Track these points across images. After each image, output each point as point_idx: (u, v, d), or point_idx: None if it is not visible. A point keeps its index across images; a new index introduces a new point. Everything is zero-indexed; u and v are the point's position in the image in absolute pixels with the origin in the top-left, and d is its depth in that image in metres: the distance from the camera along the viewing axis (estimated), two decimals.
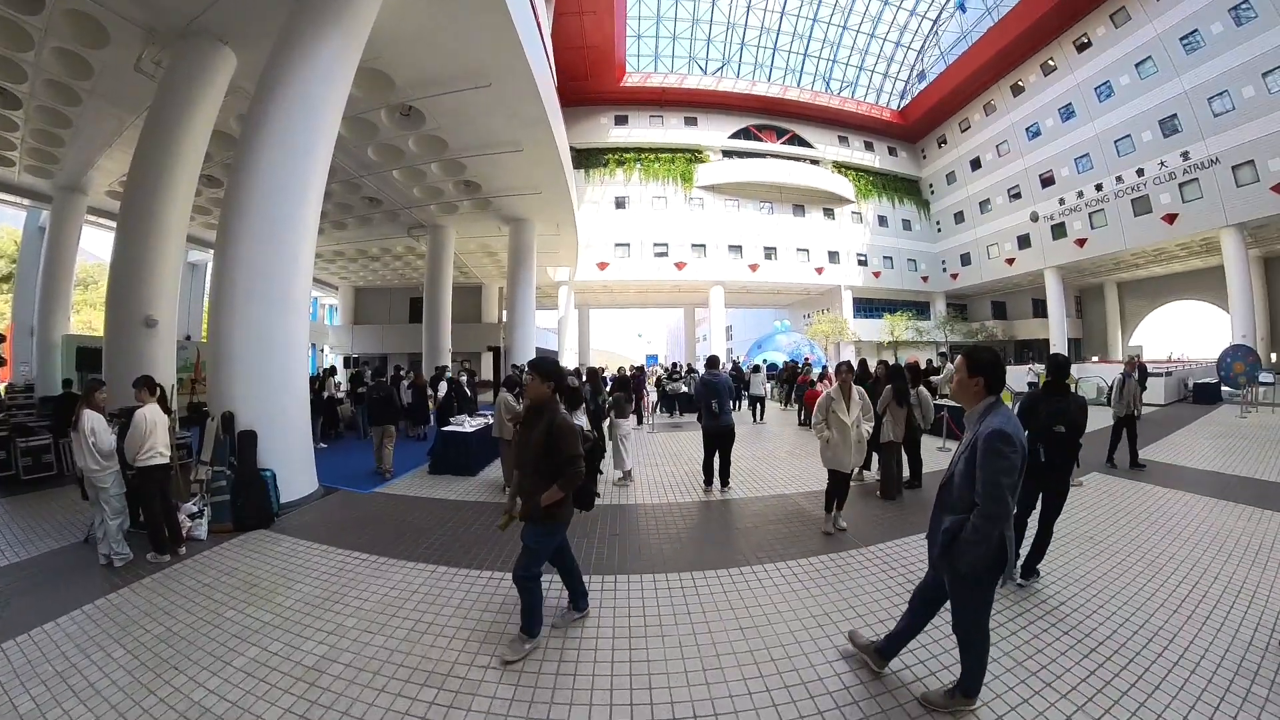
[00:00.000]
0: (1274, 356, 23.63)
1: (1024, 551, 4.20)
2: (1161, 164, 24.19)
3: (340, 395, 13.53)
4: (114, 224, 9.55)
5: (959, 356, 2.73)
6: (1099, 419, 8.79)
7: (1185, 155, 23.21)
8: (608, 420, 8.29)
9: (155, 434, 4.72)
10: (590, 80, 29.17)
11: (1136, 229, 25.89)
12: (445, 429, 8.65)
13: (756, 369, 16.72)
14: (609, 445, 7.90)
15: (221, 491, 5.57)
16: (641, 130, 33.08)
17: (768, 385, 15.87)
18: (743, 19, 32.50)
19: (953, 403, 11.34)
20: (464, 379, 14.47)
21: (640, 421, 13.47)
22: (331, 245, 21.10)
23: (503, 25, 8.78)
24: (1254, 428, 11.10)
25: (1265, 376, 14.36)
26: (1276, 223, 21.44)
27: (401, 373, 13.80)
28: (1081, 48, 27.36)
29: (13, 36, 8.35)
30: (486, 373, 25.99)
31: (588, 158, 31.95)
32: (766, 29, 33.35)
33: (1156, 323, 33.80)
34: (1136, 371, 8.36)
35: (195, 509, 5.34)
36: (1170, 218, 24.21)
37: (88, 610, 3.72)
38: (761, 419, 14.41)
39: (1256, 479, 7.02)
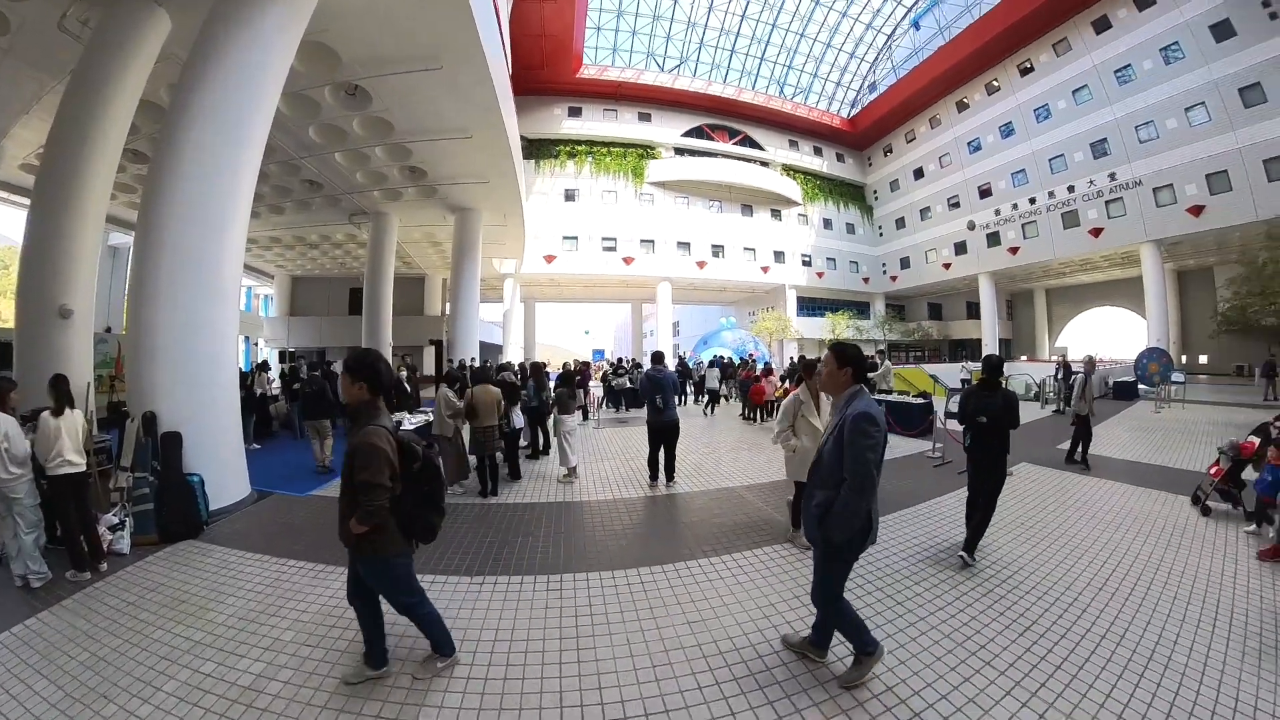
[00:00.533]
0: (1184, 359, 26.18)
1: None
2: (1090, 183, 26.37)
3: (274, 392, 12.87)
4: (27, 201, 8.68)
5: (827, 351, 2.97)
6: (1027, 414, 9.40)
7: (1112, 176, 25.36)
8: (552, 416, 8.21)
9: (61, 439, 4.28)
10: (546, 69, 28.72)
11: (1065, 240, 28.11)
12: None
13: (713, 364, 17.10)
14: (554, 442, 7.82)
15: (144, 500, 5.12)
16: (595, 123, 32.87)
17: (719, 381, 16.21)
18: (703, 19, 32.77)
19: (889, 396, 11.88)
20: (403, 374, 14.05)
21: (586, 417, 13.45)
22: (267, 230, 19.95)
23: (458, 5, 8.50)
24: (1167, 421, 12.36)
25: (1176, 376, 16.25)
26: (1190, 240, 23.77)
27: (332, 367, 13.22)
28: (1024, 72, 29.39)
29: None
30: (430, 367, 25.26)
31: (539, 148, 31.52)
32: (726, 31, 33.79)
33: (1080, 326, 36.84)
34: (1094, 371, 8.67)
35: (116, 520, 4.88)
36: (1096, 232, 26.43)
37: (4, 639, 3.40)
38: (712, 412, 14.85)
39: (1169, 467, 7.78)
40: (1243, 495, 5.48)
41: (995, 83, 31.07)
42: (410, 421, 8.54)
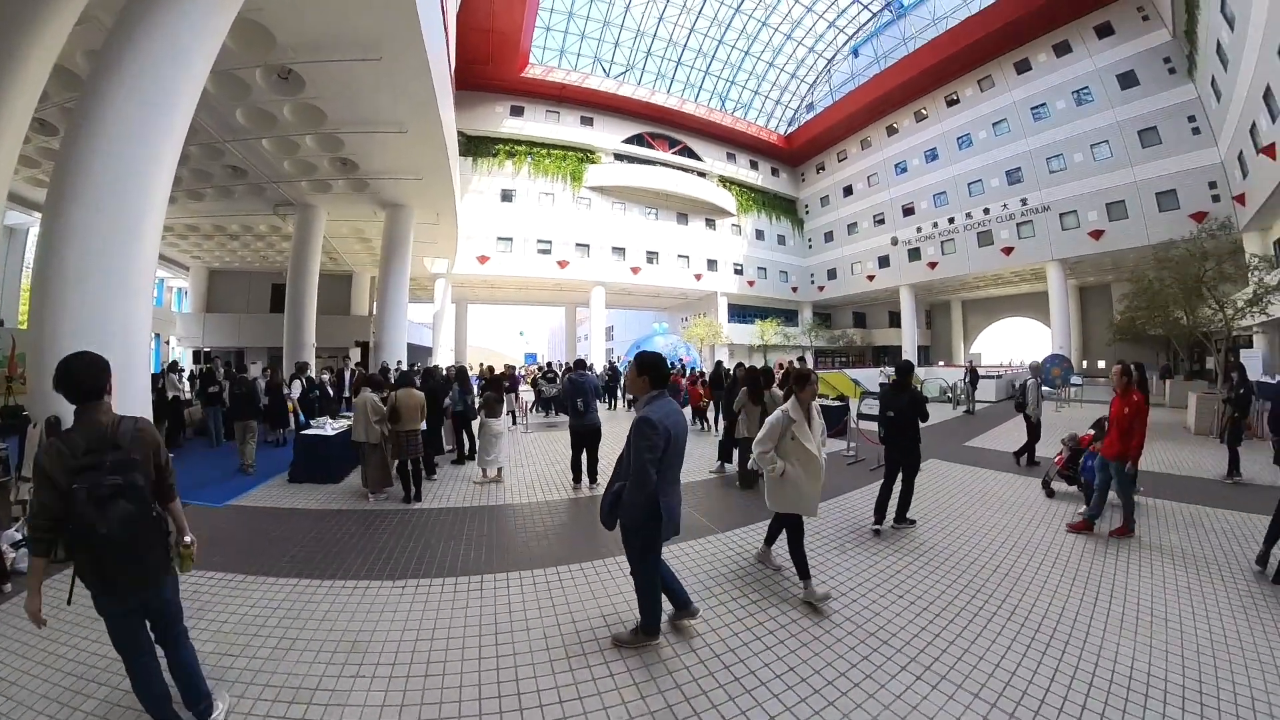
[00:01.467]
0: (1085, 364, 29.69)
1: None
2: (1004, 206, 29.10)
3: (187, 395, 12.16)
4: None
5: (632, 359, 3.30)
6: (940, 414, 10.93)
7: (1024, 201, 28.13)
8: (479, 420, 8.19)
9: None
10: (491, 65, 28.21)
11: (980, 257, 30.75)
12: (304, 433, 8.17)
13: None
14: (479, 444, 7.89)
15: None
16: (536, 124, 32.61)
17: None
18: (653, 29, 33.20)
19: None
20: (326, 378, 13.69)
21: (515, 421, 13.46)
22: (184, 218, 18.49)
23: None
24: (1066, 419, 13.76)
25: (1075, 379, 18.65)
26: (1090, 260, 26.88)
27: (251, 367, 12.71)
28: (951, 103, 31.97)
29: None
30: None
31: (477, 146, 30.96)
32: (674, 43, 34.42)
33: (992, 335, 40.54)
34: (1040, 375, 9.54)
35: (18, 536, 4.54)
36: (1007, 250, 29.19)
37: None
38: None
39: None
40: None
41: (924, 111, 33.55)
42: (332, 427, 8.33)
